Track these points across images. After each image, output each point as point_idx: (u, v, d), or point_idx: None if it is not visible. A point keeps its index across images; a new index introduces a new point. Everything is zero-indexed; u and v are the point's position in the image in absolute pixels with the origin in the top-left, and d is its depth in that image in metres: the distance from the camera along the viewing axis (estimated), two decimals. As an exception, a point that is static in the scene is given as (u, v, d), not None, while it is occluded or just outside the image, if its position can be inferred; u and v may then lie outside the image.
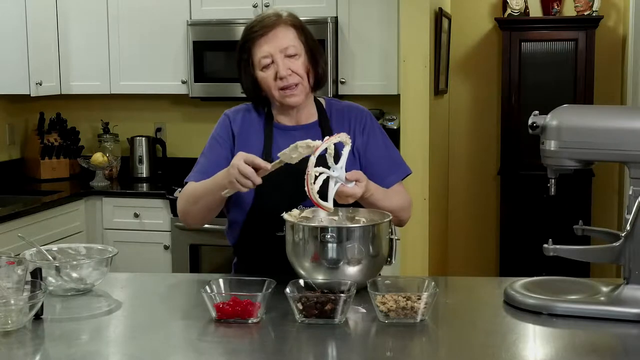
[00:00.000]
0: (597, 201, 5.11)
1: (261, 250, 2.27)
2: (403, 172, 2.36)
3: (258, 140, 2.29)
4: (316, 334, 1.74)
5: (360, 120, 2.33)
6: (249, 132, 2.32)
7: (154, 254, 4.35)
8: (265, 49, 2.20)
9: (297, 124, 2.32)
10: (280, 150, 2.10)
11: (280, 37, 2.21)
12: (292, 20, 2.25)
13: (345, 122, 2.32)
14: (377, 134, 2.35)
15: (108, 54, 4.66)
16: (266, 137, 2.29)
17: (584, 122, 1.89)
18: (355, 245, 1.94)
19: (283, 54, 2.20)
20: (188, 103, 4.81)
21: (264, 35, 2.21)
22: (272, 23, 2.22)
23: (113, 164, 4.74)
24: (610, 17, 5.08)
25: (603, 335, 1.78)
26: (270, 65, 2.21)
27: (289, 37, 2.22)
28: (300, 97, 2.25)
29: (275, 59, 2.20)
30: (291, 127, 2.31)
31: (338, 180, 2.01)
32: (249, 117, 2.34)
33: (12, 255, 1.99)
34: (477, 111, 5.36)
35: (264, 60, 2.21)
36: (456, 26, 5.10)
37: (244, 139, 2.30)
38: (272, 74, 2.21)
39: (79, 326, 1.87)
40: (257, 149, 2.27)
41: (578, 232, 2.07)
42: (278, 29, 2.21)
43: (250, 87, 2.28)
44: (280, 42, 2.20)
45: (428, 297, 1.79)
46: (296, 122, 2.32)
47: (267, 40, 2.20)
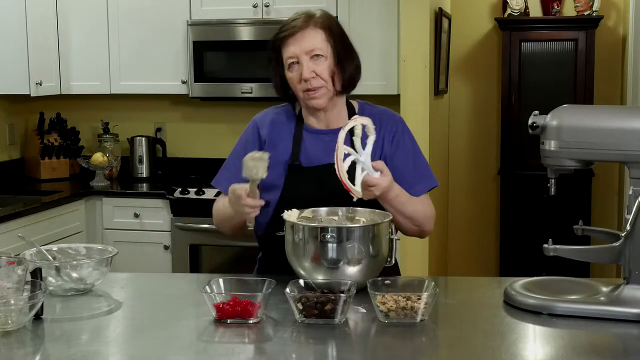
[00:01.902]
0: (597, 201, 5.11)
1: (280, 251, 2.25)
2: (430, 183, 2.34)
3: (287, 143, 2.29)
4: (316, 334, 1.74)
5: (391, 127, 2.33)
6: (279, 136, 2.31)
7: (154, 254, 4.35)
8: (292, 49, 2.21)
9: (327, 127, 2.31)
10: (309, 153, 2.19)
11: (307, 39, 2.21)
12: (322, 22, 2.25)
13: (376, 127, 2.28)
14: (407, 142, 2.34)
15: (108, 54, 4.66)
16: (295, 140, 2.29)
17: (584, 122, 1.89)
18: (355, 245, 1.94)
19: (308, 55, 2.21)
20: (188, 103, 4.80)
21: (292, 36, 2.22)
22: (302, 24, 2.23)
23: (113, 164, 4.73)
24: (610, 17, 5.08)
25: (603, 335, 1.78)
26: (295, 65, 2.22)
27: (316, 39, 2.22)
28: (323, 100, 2.25)
29: (300, 60, 2.21)
30: (321, 131, 2.31)
31: (364, 167, 2.03)
32: (278, 120, 2.35)
33: (12, 255, 1.99)
34: (477, 111, 5.36)
35: (290, 60, 2.22)
36: (456, 26, 5.10)
37: (273, 144, 2.30)
38: (297, 74, 2.22)
39: (79, 326, 1.87)
40: (286, 152, 2.27)
41: (578, 232, 2.07)
42: (307, 31, 2.22)
43: (278, 86, 2.29)
44: (307, 43, 2.21)
45: (428, 297, 1.79)
46: (326, 126, 2.31)
47: (295, 41, 2.21)
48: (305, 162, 2.26)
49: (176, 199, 4.28)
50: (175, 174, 4.84)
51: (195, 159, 4.92)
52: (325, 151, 2.24)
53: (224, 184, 2.26)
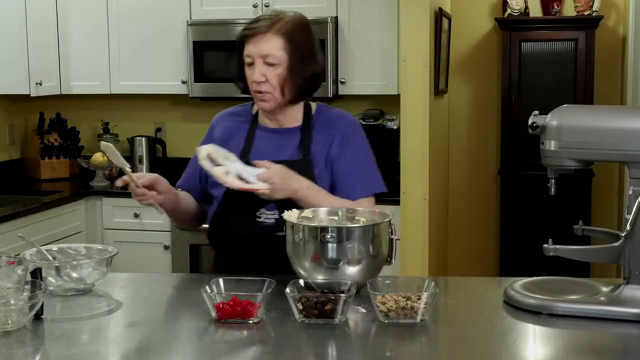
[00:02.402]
0: (597, 201, 5.11)
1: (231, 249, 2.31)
2: (371, 189, 2.33)
3: (240, 140, 2.35)
4: (316, 334, 1.74)
5: (340, 130, 2.33)
6: (232, 134, 2.37)
7: (154, 254, 4.35)
8: (250, 49, 2.25)
9: (280, 126, 2.35)
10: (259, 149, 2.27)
11: (265, 44, 2.23)
12: (287, 29, 2.25)
13: (328, 129, 2.33)
14: (352, 147, 2.33)
15: (108, 54, 4.66)
16: (248, 138, 2.34)
17: (584, 122, 1.89)
18: (355, 245, 1.94)
19: (263, 59, 2.24)
20: (188, 103, 4.81)
21: (253, 36, 2.25)
22: (265, 27, 2.24)
23: (113, 164, 4.73)
24: (610, 17, 5.08)
25: (603, 335, 1.79)
26: (251, 65, 2.26)
27: (274, 45, 2.23)
28: (270, 105, 2.28)
29: (254, 62, 2.25)
30: (273, 130, 2.35)
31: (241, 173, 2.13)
32: (234, 121, 2.41)
33: (12, 255, 1.99)
34: (477, 111, 5.36)
35: (247, 59, 2.26)
36: (456, 26, 5.10)
37: (224, 143, 2.34)
38: (251, 74, 2.27)
39: (79, 326, 1.87)
40: (238, 149, 2.32)
41: (578, 232, 2.07)
42: (267, 35, 2.24)
43: (238, 78, 2.34)
44: (263, 48, 2.23)
45: (428, 297, 1.79)
46: (278, 126, 2.35)
47: (254, 42, 2.25)
48: (254, 159, 2.28)
49: (176, 199, 4.28)
50: (175, 174, 4.80)
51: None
52: (274, 148, 2.30)
53: (180, 183, 2.48)
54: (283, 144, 2.32)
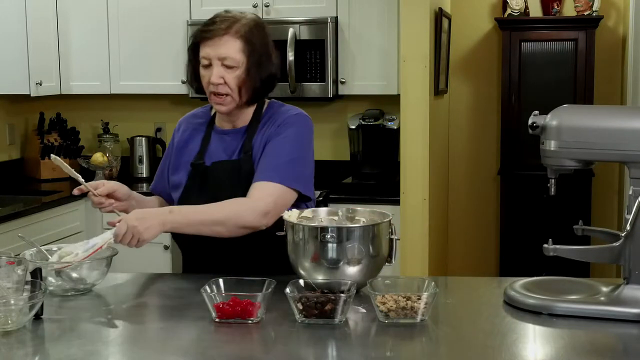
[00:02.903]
0: (597, 201, 5.11)
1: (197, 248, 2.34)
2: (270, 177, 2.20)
3: (196, 144, 2.37)
4: (316, 334, 1.74)
5: (274, 123, 2.30)
6: (191, 137, 2.39)
7: (154, 254, 4.34)
8: (207, 51, 2.24)
9: (233, 127, 2.36)
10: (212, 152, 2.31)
11: (223, 46, 2.23)
12: (244, 32, 2.24)
13: (268, 124, 2.32)
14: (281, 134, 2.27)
15: (108, 54, 4.66)
16: (203, 141, 2.36)
17: (584, 122, 1.89)
18: (355, 245, 1.94)
19: (221, 61, 2.23)
20: (188, 103, 4.79)
21: (210, 39, 2.24)
22: (223, 30, 2.23)
23: (113, 164, 4.73)
24: (610, 17, 5.08)
25: (603, 335, 1.79)
26: (208, 67, 2.25)
27: (232, 48, 2.23)
28: (228, 107, 2.28)
29: (212, 64, 2.24)
30: (225, 131, 2.36)
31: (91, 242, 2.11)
32: (193, 123, 2.44)
33: (12, 255, 1.99)
34: (477, 111, 5.36)
35: (204, 60, 2.26)
36: (456, 26, 5.10)
37: (182, 146, 2.40)
38: (207, 75, 2.26)
39: (79, 326, 1.87)
40: (194, 152, 2.35)
41: (578, 232, 2.07)
42: (225, 37, 2.23)
43: (191, 78, 2.34)
44: (222, 50, 2.22)
45: (428, 297, 1.79)
46: (232, 126, 2.36)
47: (211, 44, 2.24)
48: (208, 162, 2.32)
49: (176, 199, 4.28)
50: (175, 174, 4.83)
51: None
52: (224, 150, 2.32)
53: (152, 186, 2.56)
54: (231, 144, 2.33)
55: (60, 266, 2.02)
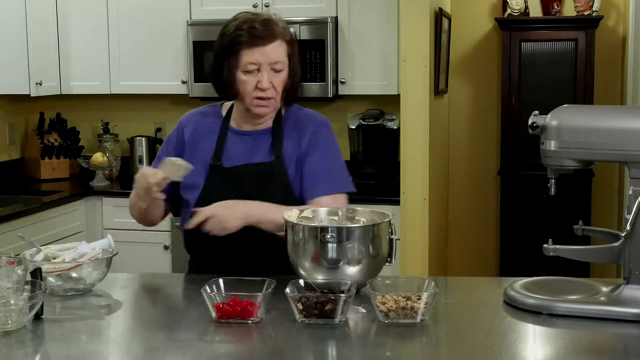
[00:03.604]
0: (597, 201, 5.10)
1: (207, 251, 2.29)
2: (335, 187, 2.29)
3: (211, 144, 2.33)
4: (316, 334, 1.74)
5: (309, 130, 2.32)
6: (202, 136, 2.35)
7: (154, 254, 4.35)
8: (257, 57, 2.21)
9: (253, 128, 2.34)
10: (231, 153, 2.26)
11: (273, 51, 2.22)
12: (288, 35, 2.26)
13: (297, 130, 2.33)
14: (318, 149, 2.30)
15: (108, 54, 4.66)
16: (219, 141, 2.32)
17: (584, 122, 1.89)
18: (355, 245, 1.94)
19: (270, 66, 2.22)
20: (188, 103, 4.79)
21: (257, 45, 2.21)
22: (269, 36, 2.21)
23: (113, 164, 4.74)
24: (610, 17, 5.08)
25: (603, 335, 1.79)
26: (254, 72, 2.22)
27: (282, 52, 2.24)
28: (270, 110, 2.28)
29: (261, 69, 2.22)
30: (245, 132, 2.33)
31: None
32: (204, 122, 2.39)
33: (12, 255, 1.99)
34: (477, 111, 5.36)
35: (251, 66, 2.22)
36: (456, 26, 5.10)
37: (194, 144, 2.35)
38: (254, 81, 2.22)
39: (79, 326, 1.87)
40: (209, 152, 2.31)
41: (578, 232, 2.07)
42: (275, 43, 2.22)
43: (225, 83, 2.27)
44: (273, 55, 2.22)
45: (428, 297, 1.79)
46: (253, 127, 2.34)
47: (261, 50, 2.21)
48: (226, 163, 2.29)
49: (176, 199, 4.27)
50: (175, 174, 4.83)
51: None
52: (246, 151, 2.29)
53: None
54: (255, 146, 2.31)
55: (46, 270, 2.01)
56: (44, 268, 1.97)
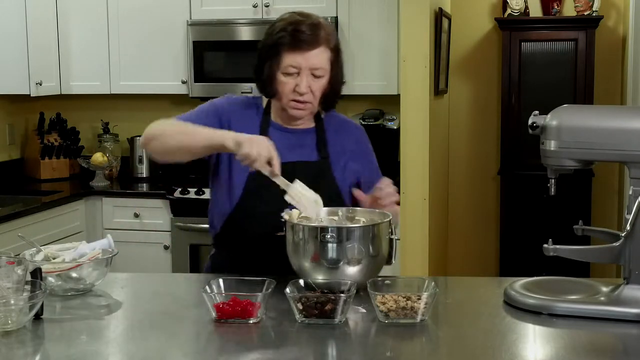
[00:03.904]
0: (597, 201, 5.11)
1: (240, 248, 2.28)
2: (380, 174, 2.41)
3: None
4: (316, 334, 1.74)
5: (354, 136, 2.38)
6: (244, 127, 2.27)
7: (154, 254, 4.35)
8: (298, 60, 2.18)
9: (295, 126, 2.32)
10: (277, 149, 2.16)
11: (316, 57, 2.19)
12: (334, 42, 2.24)
13: (340, 134, 2.34)
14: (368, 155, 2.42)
15: (108, 54, 4.66)
16: (261, 134, 2.27)
17: (584, 122, 1.89)
18: (355, 245, 1.93)
19: (311, 71, 2.19)
20: (188, 103, 4.79)
21: (301, 49, 2.18)
22: (313, 41, 2.19)
23: (113, 164, 4.74)
24: (610, 17, 5.08)
25: (603, 335, 1.79)
26: (294, 74, 2.20)
27: (324, 59, 2.21)
28: (305, 113, 2.27)
29: (301, 73, 2.19)
30: (287, 129, 2.32)
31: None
32: (244, 113, 2.33)
33: (12, 255, 1.99)
34: (477, 111, 5.36)
35: (291, 69, 2.19)
36: (456, 26, 5.10)
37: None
38: (292, 83, 2.20)
39: (79, 326, 1.87)
40: None
41: (578, 232, 2.07)
42: (319, 49, 2.20)
43: (266, 83, 2.25)
44: (315, 60, 2.19)
45: (428, 297, 1.79)
46: (293, 125, 2.32)
47: (302, 54, 2.18)
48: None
49: (176, 199, 4.28)
50: (175, 174, 4.83)
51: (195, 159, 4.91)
52: (289, 148, 2.26)
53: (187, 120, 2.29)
54: (298, 144, 2.29)
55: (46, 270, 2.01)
56: (44, 268, 1.97)
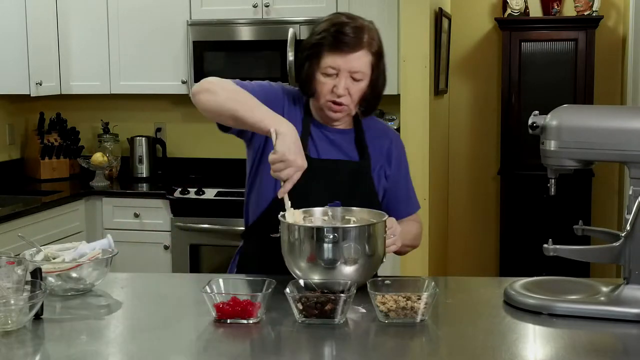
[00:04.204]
0: (597, 201, 5.11)
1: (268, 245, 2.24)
2: (416, 207, 2.43)
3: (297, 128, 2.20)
4: (316, 334, 1.74)
5: (393, 145, 2.35)
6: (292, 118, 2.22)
7: (154, 254, 4.35)
8: (338, 62, 2.15)
9: (334, 126, 2.29)
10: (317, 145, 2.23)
11: (356, 60, 2.16)
12: (376, 46, 2.20)
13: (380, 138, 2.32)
14: (405, 167, 2.39)
15: (108, 54, 4.66)
16: (304, 129, 2.26)
17: (584, 122, 1.89)
18: (351, 245, 1.93)
19: (350, 74, 2.17)
20: (188, 103, 4.75)
21: (340, 52, 2.15)
22: (354, 44, 2.15)
23: (113, 164, 4.74)
24: (610, 17, 5.08)
25: (603, 335, 1.78)
26: (333, 76, 2.17)
27: (365, 63, 2.18)
28: (342, 115, 2.24)
29: (340, 75, 2.16)
30: (327, 127, 2.29)
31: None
32: (295, 103, 2.30)
33: (12, 255, 1.99)
34: (477, 111, 5.36)
35: (330, 70, 2.17)
36: (456, 26, 5.10)
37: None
38: (330, 83, 2.17)
39: (79, 326, 1.87)
40: None
41: (578, 232, 2.07)
42: (361, 52, 2.16)
43: (305, 81, 2.23)
44: (355, 64, 2.16)
45: (428, 297, 1.79)
46: (331, 124, 2.29)
47: (344, 56, 2.15)
48: (312, 154, 2.24)
49: (176, 199, 4.28)
50: (175, 174, 4.84)
51: (195, 159, 4.92)
52: (330, 146, 2.26)
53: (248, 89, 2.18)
54: (339, 143, 2.27)
55: (46, 270, 2.01)
56: (44, 268, 1.97)
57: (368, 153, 2.28)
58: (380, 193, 2.32)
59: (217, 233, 4.21)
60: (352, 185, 2.23)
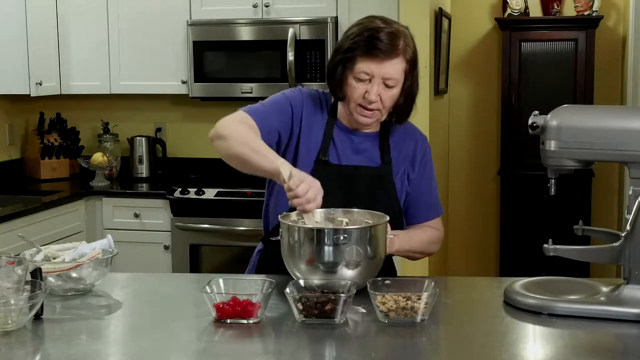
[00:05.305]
0: (597, 201, 5.11)
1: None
2: (439, 212, 2.40)
3: (318, 135, 2.25)
4: (316, 334, 1.74)
5: (420, 147, 2.32)
6: (312, 125, 2.25)
7: (154, 254, 4.35)
8: (372, 68, 2.13)
9: (359, 129, 2.27)
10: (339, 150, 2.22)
11: (390, 67, 2.14)
12: (411, 53, 2.18)
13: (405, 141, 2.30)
14: (429, 170, 2.35)
15: (108, 54, 4.66)
16: (326, 133, 2.25)
17: (584, 122, 1.89)
18: (353, 248, 1.92)
19: (383, 80, 2.15)
20: (188, 103, 4.80)
21: (376, 57, 2.13)
22: (389, 51, 2.13)
23: (113, 164, 4.74)
24: (610, 17, 5.08)
25: (603, 335, 1.78)
26: (365, 81, 2.16)
27: (398, 70, 2.15)
28: (372, 121, 2.22)
29: (372, 81, 2.15)
30: (352, 131, 2.27)
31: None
32: (317, 107, 2.29)
33: (12, 255, 1.99)
34: (477, 111, 5.36)
35: (363, 75, 2.15)
36: (456, 26, 5.11)
37: (307, 130, 2.25)
38: (362, 89, 2.16)
39: (79, 326, 1.87)
40: (316, 144, 2.24)
41: (578, 232, 2.07)
42: (395, 60, 2.14)
43: (336, 84, 2.21)
44: (388, 70, 2.14)
45: (428, 297, 1.79)
46: (357, 128, 2.27)
47: (377, 62, 2.13)
48: (333, 159, 2.23)
49: (176, 199, 4.28)
50: (175, 174, 4.83)
51: (195, 159, 4.92)
52: (354, 151, 2.25)
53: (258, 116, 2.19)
54: (362, 148, 2.26)
55: (46, 270, 2.01)
56: (44, 268, 1.97)
57: (390, 157, 2.26)
58: (403, 197, 2.29)
59: (217, 233, 4.21)
60: (372, 191, 2.21)
